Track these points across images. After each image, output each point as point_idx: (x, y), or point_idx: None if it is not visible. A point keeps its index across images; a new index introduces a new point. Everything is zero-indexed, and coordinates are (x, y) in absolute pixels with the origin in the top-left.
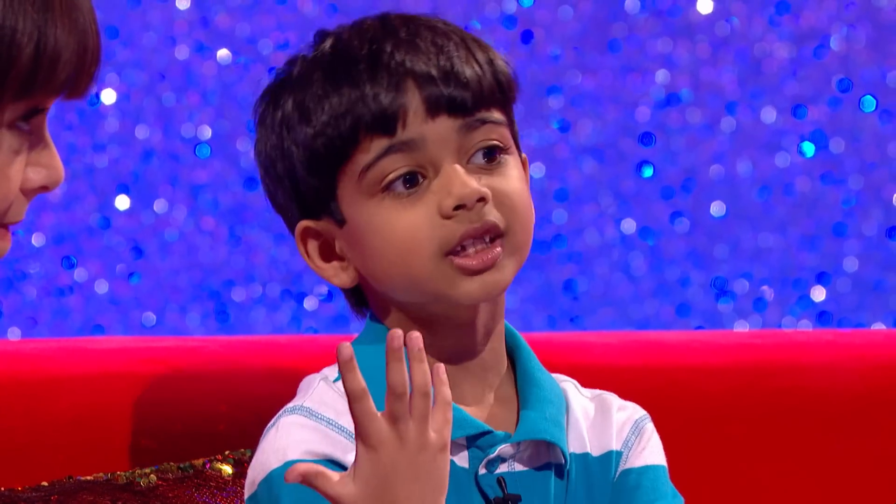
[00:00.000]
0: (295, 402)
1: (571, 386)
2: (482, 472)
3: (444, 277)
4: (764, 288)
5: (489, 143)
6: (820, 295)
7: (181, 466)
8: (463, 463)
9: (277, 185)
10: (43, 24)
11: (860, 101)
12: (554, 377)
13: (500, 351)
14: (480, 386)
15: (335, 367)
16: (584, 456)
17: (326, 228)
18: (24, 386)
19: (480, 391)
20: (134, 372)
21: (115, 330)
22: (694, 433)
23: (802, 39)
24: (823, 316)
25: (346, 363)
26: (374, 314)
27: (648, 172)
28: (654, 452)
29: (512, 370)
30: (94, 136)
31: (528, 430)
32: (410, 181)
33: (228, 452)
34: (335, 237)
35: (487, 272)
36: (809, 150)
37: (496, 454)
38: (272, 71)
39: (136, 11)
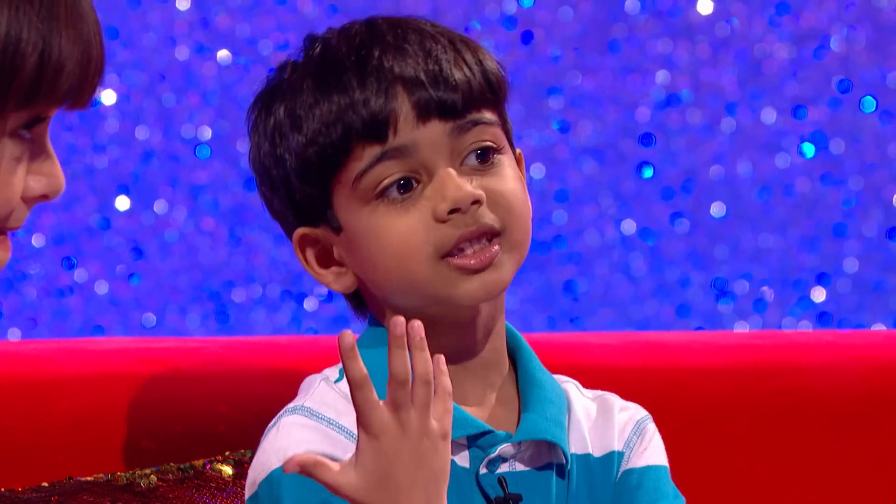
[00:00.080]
0: (296, 402)
1: (573, 387)
2: (483, 471)
3: (443, 279)
4: (764, 289)
5: (482, 144)
6: (820, 296)
7: (181, 467)
8: (464, 463)
9: (273, 192)
10: (48, 33)
11: (860, 101)
12: (555, 378)
13: (501, 350)
14: (482, 386)
15: (336, 367)
16: (585, 456)
17: (324, 235)
18: (24, 387)
19: (482, 391)
20: (134, 373)
21: (115, 331)
22: (694, 434)
23: (802, 40)
24: (823, 317)
25: (347, 351)
26: (373, 318)
27: (648, 173)
28: (655, 453)
29: (513, 370)
30: (94, 136)
31: (528, 429)
32: (404, 186)
33: (229, 453)
34: (333, 244)
35: (487, 271)
36: (809, 150)
37: (497, 454)
38: (270, 73)
39: (136, 12)
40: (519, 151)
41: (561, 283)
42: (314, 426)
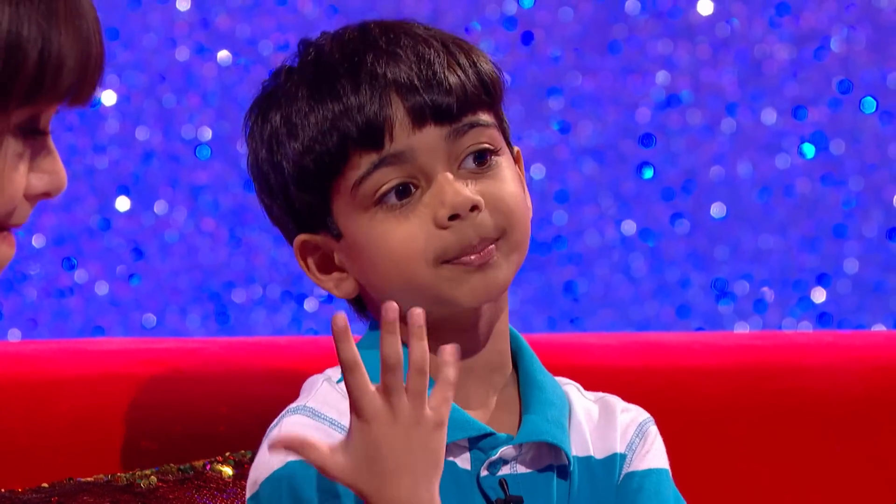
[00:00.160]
0: (298, 402)
1: (574, 389)
2: (484, 473)
3: (444, 280)
4: (764, 289)
5: (479, 146)
6: (820, 296)
7: (181, 468)
8: (465, 465)
9: (272, 199)
10: (47, 30)
11: (860, 102)
12: (556, 380)
13: (504, 352)
14: (484, 388)
15: (338, 367)
16: (587, 459)
17: (324, 242)
18: (24, 387)
19: (484, 393)
20: (134, 373)
21: (115, 331)
22: (694, 434)
23: (803, 41)
24: (824, 317)
25: (340, 332)
26: (374, 322)
27: (649, 174)
28: (657, 456)
29: (514, 372)
30: (94, 137)
31: (530, 431)
32: (403, 192)
33: (229, 454)
34: (333, 250)
35: (486, 270)
36: (810, 151)
37: (498, 456)
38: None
39: (136, 13)
40: (517, 149)
41: (561, 283)
42: (316, 426)
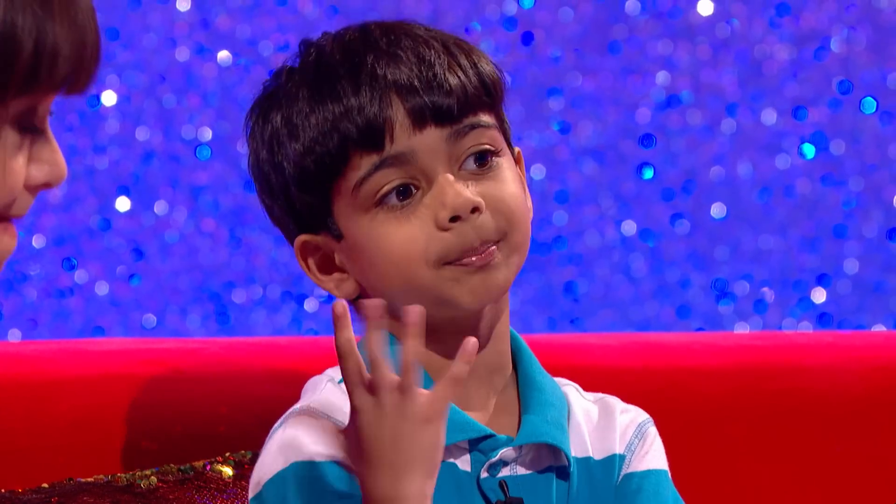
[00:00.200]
0: (302, 402)
1: (573, 390)
2: (484, 475)
3: (445, 282)
4: (764, 290)
5: (479, 147)
6: (820, 297)
7: (181, 468)
8: (465, 466)
9: (273, 199)
10: (43, 20)
11: (860, 102)
12: (556, 381)
13: (505, 354)
14: (485, 389)
15: (339, 368)
16: (586, 460)
17: (325, 242)
18: (24, 388)
19: (485, 394)
20: (134, 374)
21: (115, 331)
22: (694, 435)
23: (803, 41)
24: (824, 318)
25: (339, 318)
26: None
27: (649, 174)
28: (656, 457)
29: (514, 374)
30: (94, 137)
31: (529, 433)
32: (403, 193)
33: (229, 454)
34: (334, 251)
35: (487, 271)
36: (810, 151)
37: (498, 458)
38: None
39: (136, 13)
40: (518, 150)
41: (561, 284)
42: (321, 426)
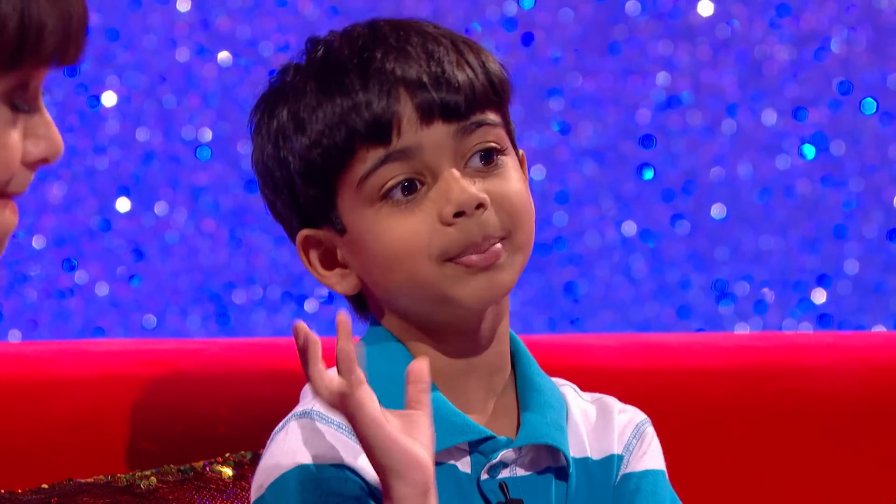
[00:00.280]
0: (304, 405)
1: (571, 390)
2: (484, 477)
3: (447, 279)
4: (764, 290)
5: (486, 145)
6: (821, 297)
7: (181, 469)
8: (465, 468)
9: (276, 194)
10: None
11: (861, 103)
12: (553, 381)
13: (505, 355)
14: (484, 390)
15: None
16: (584, 460)
17: (327, 237)
18: (24, 388)
19: (484, 395)
20: (134, 374)
21: (115, 332)
22: (694, 435)
23: (803, 42)
24: (824, 318)
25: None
26: (374, 320)
27: (649, 175)
28: (654, 457)
29: (512, 374)
30: (94, 138)
31: (529, 434)
32: (409, 188)
33: (229, 455)
34: (336, 245)
35: (491, 271)
36: (810, 152)
37: (498, 459)
38: (271, 74)
39: (136, 14)
40: (522, 153)
41: (561, 284)
42: (323, 430)
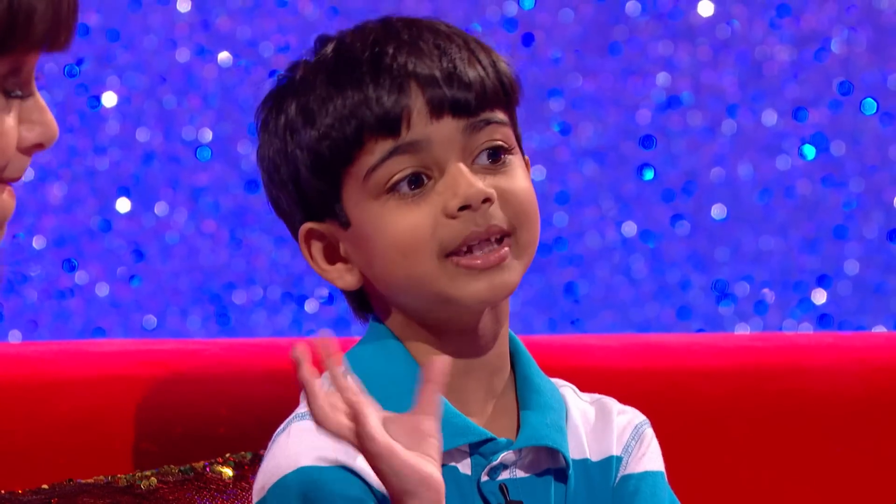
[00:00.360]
0: (305, 407)
1: (570, 391)
2: (484, 479)
3: (448, 278)
4: (765, 291)
5: (494, 143)
6: (821, 298)
7: (182, 469)
8: (465, 470)
9: (281, 189)
10: None
11: (861, 103)
12: (553, 382)
13: (505, 356)
14: (484, 391)
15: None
16: (583, 461)
17: (330, 230)
18: (24, 389)
19: (483, 397)
20: (134, 375)
21: (115, 333)
22: (695, 436)
23: (803, 42)
24: (824, 319)
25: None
26: (376, 317)
27: (649, 175)
28: (653, 458)
29: (512, 375)
30: (94, 138)
31: (529, 436)
32: (415, 182)
33: (229, 455)
34: (339, 239)
35: (494, 272)
36: (810, 152)
37: (499, 461)
38: (273, 75)
39: (136, 14)
40: (527, 158)
41: (562, 285)
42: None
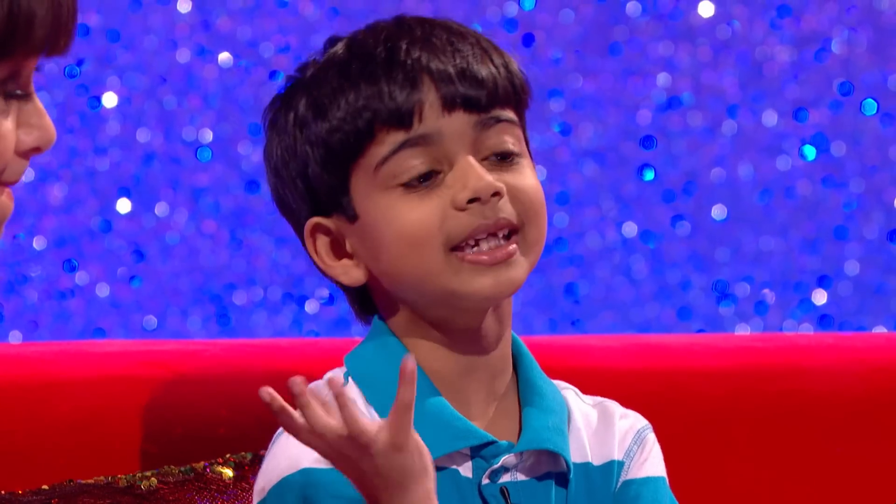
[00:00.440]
0: None
1: (572, 393)
2: (485, 482)
3: (454, 273)
4: (765, 291)
5: (503, 147)
6: (821, 298)
7: (182, 470)
8: (467, 473)
9: (288, 185)
10: None
11: (861, 104)
12: (555, 384)
13: (507, 358)
14: (485, 393)
15: (340, 370)
16: (584, 465)
17: (337, 225)
18: (25, 389)
19: (485, 398)
20: (135, 375)
21: (116, 333)
22: (695, 436)
23: (804, 43)
24: (825, 319)
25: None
26: (380, 315)
27: (650, 176)
28: (655, 464)
29: (514, 377)
30: (95, 139)
31: (531, 439)
32: (425, 175)
33: (229, 455)
34: (346, 234)
35: (501, 268)
36: (811, 153)
37: (500, 464)
38: (273, 75)
39: (137, 15)
40: (533, 163)
41: (562, 285)
42: None
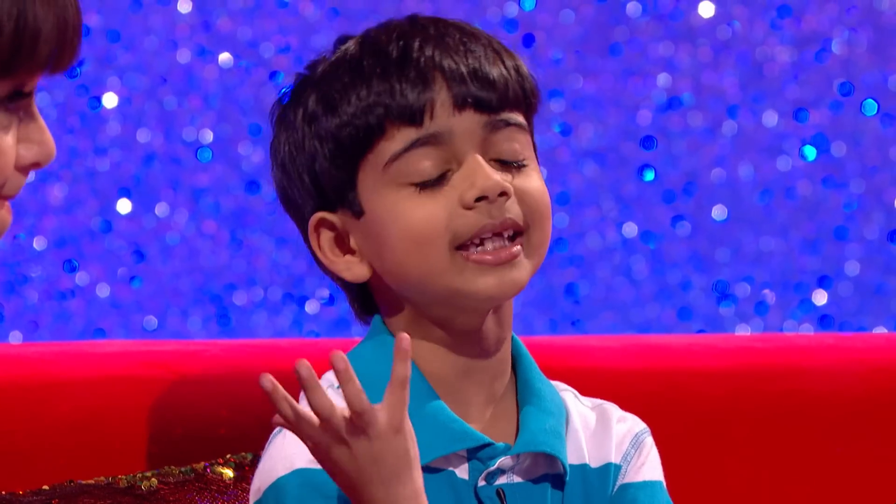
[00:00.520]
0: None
1: (571, 395)
2: (481, 484)
3: (458, 272)
4: (765, 291)
5: (512, 153)
6: (821, 299)
7: (182, 470)
8: (463, 475)
9: (294, 181)
10: (22, 1)
11: (861, 104)
12: (553, 385)
13: (507, 359)
14: (484, 395)
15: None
16: (582, 467)
17: (342, 221)
18: (25, 390)
19: (483, 401)
20: (135, 376)
21: (116, 334)
22: (695, 437)
23: (804, 43)
24: (825, 320)
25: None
26: (381, 314)
27: (650, 176)
28: (652, 468)
29: (513, 378)
30: (95, 139)
31: (528, 441)
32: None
33: (230, 456)
34: (350, 230)
35: (505, 268)
36: (811, 153)
37: (496, 466)
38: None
39: (137, 15)
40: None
41: (562, 285)
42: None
